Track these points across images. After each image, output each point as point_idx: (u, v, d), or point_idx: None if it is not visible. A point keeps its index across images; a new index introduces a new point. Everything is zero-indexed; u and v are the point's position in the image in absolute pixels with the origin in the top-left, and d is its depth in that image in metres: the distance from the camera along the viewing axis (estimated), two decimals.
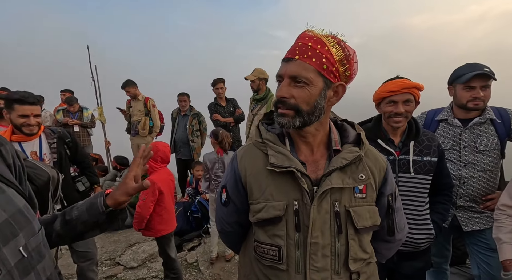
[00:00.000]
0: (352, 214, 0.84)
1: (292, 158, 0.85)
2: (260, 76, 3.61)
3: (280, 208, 0.84)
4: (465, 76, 1.58)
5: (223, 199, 0.99)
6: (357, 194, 0.86)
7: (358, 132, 0.92)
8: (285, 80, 0.83)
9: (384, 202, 0.93)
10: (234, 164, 0.96)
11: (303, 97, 0.82)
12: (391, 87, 1.40)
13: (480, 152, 1.63)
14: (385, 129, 1.53)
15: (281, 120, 0.84)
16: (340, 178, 0.83)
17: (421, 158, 1.46)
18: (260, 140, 0.92)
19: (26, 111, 1.80)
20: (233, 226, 1.01)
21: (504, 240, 1.31)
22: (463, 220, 1.69)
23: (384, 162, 0.94)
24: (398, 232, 0.97)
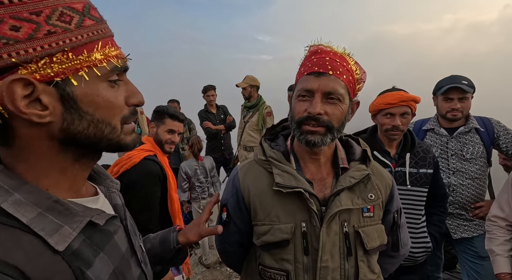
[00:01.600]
0: (361, 235, 0.81)
1: (299, 178, 0.81)
2: (252, 83, 3.59)
3: (288, 231, 0.80)
4: (443, 88, 1.67)
5: (223, 219, 0.95)
6: (365, 214, 0.83)
7: (364, 149, 0.90)
8: (318, 95, 0.77)
9: (390, 219, 0.91)
10: (235, 183, 0.91)
11: (337, 114, 0.79)
12: (388, 99, 1.41)
13: (467, 160, 1.68)
14: (381, 141, 1.53)
15: (313, 138, 0.79)
16: (349, 198, 0.81)
17: (417, 170, 1.47)
18: (264, 158, 0.88)
19: (175, 127, 1.73)
20: (233, 245, 0.96)
21: (497, 252, 1.32)
22: (452, 228, 1.73)
23: (390, 178, 0.93)
24: (402, 248, 0.96)
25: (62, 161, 0.45)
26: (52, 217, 0.41)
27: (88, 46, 0.42)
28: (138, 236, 0.63)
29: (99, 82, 0.44)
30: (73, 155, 0.46)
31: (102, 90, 0.44)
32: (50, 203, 0.42)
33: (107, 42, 0.46)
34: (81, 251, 0.43)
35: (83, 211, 0.45)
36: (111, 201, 0.58)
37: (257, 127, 3.57)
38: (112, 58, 0.45)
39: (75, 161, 0.47)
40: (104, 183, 0.60)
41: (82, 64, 0.42)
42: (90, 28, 0.43)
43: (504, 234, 1.34)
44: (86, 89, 0.43)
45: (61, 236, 0.41)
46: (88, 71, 0.42)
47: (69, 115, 0.42)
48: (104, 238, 0.48)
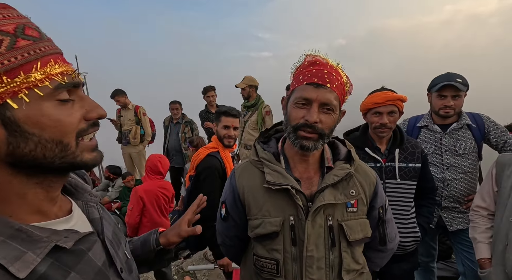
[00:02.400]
0: (344, 228, 0.89)
1: (287, 176, 0.89)
2: (250, 84, 3.68)
3: (277, 224, 0.89)
4: (437, 85, 1.73)
5: (222, 214, 1.04)
6: (349, 209, 0.91)
7: (349, 149, 0.98)
8: (315, 105, 0.85)
9: (375, 215, 0.98)
10: (232, 182, 1.00)
11: (329, 123, 0.87)
12: (376, 99, 1.49)
13: (460, 155, 1.75)
14: (372, 138, 1.61)
15: (307, 143, 0.87)
16: (332, 194, 0.88)
17: (406, 165, 1.55)
18: (257, 158, 0.97)
19: (228, 122, 1.91)
20: (232, 239, 1.05)
21: (479, 240, 1.41)
22: (448, 221, 1.80)
23: (374, 177, 0.99)
24: (389, 242, 1.02)
25: (19, 186, 0.45)
26: (15, 244, 0.41)
27: (24, 67, 0.41)
28: (123, 244, 0.65)
29: (43, 102, 0.43)
30: (28, 178, 0.45)
31: (47, 109, 0.43)
32: (12, 231, 0.42)
33: (49, 60, 0.44)
34: (48, 275, 0.43)
35: (48, 236, 0.45)
36: (88, 216, 0.58)
37: (257, 126, 3.67)
38: (55, 76, 0.44)
39: (36, 184, 0.46)
40: (82, 197, 0.60)
41: (20, 86, 0.41)
42: (25, 48, 0.42)
43: (486, 223, 1.42)
44: (29, 111, 0.42)
45: (24, 263, 0.40)
46: (28, 93, 0.41)
47: (14, 138, 0.41)
48: (75, 258, 0.48)
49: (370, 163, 1.57)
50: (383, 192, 1.03)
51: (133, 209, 2.32)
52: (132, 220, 2.32)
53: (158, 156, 2.46)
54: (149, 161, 2.41)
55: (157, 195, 2.41)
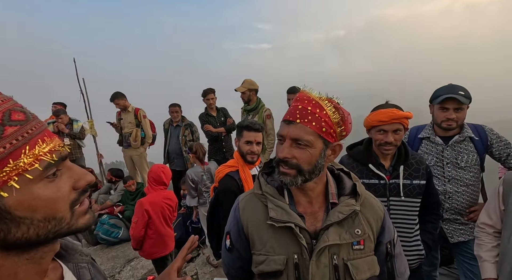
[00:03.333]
0: (350, 268, 0.86)
1: (291, 213, 0.88)
2: (250, 87, 3.64)
3: (281, 263, 0.87)
4: (440, 97, 1.70)
5: (227, 245, 1.03)
6: (355, 247, 0.89)
7: (354, 183, 0.95)
8: (287, 141, 0.86)
9: (382, 250, 0.95)
10: (236, 214, 0.99)
11: (305, 158, 0.85)
12: (381, 117, 1.46)
13: (461, 168, 1.74)
14: (375, 154, 1.59)
15: (284, 178, 0.88)
16: (337, 233, 0.87)
17: (410, 182, 1.53)
18: (260, 192, 0.96)
19: (250, 137, 1.83)
20: (238, 271, 1.04)
21: (484, 258, 1.40)
22: (449, 232, 1.80)
23: (381, 210, 0.97)
24: (398, 277, 0.98)
25: (10, 266, 0.44)
26: None
27: (13, 155, 0.40)
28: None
29: (33, 185, 0.42)
30: (19, 256, 0.45)
31: (38, 190, 0.42)
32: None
33: (37, 141, 0.43)
34: None
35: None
36: (79, 278, 0.57)
37: None
38: (44, 156, 0.42)
39: (26, 260, 0.46)
40: (73, 259, 0.58)
41: (9, 174, 0.39)
42: (13, 135, 0.41)
43: (492, 241, 1.41)
44: (19, 197, 0.40)
45: None
46: (18, 179, 0.40)
47: (4, 225, 0.41)
48: None
49: (374, 180, 1.56)
50: (391, 226, 1.00)
51: (137, 222, 2.31)
52: (136, 233, 2.32)
53: (161, 167, 2.44)
54: (152, 173, 2.40)
55: (162, 207, 2.41)
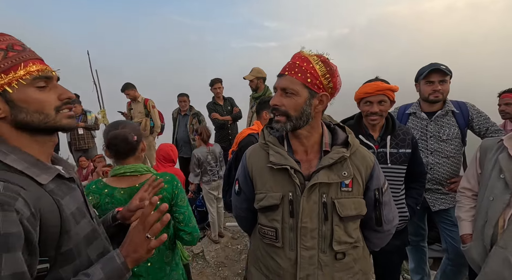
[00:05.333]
0: (336, 205, 0.99)
1: (288, 158, 1.02)
2: (258, 76, 3.79)
3: (277, 198, 1.02)
4: (425, 73, 1.84)
5: (236, 190, 1.20)
6: (343, 188, 1.02)
7: (348, 135, 1.08)
8: (278, 91, 1.02)
9: (371, 196, 1.06)
10: (243, 161, 1.15)
11: (291, 105, 0.99)
12: (366, 89, 1.61)
13: (443, 141, 1.87)
14: (365, 126, 1.73)
15: (276, 125, 1.03)
16: (326, 174, 0.99)
17: (397, 150, 1.67)
18: (264, 141, 1.11)
19: None
20: (245, 211, 1.21)
21: (463, 218, 1.53)
22: (431, 201, 1.94)
23: (372, 161, 1.07)
24: (386, 223, 1.09)
25: (24, 139, 0.70)
26: (36, 169, 0.68)
27: (13, 68, 0.66)
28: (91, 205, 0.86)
29: (27, 88, 0.68)
30: (29, 135, 0.70)
31: (30, 93, 0.68)
32: (33, 161, 0.69)
33: (28, 63, 0.68)
34: (55, 190, 0.70)
35: (54, 168, 0.72)
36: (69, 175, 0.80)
37: None
38: (33, 72, 0.68)
39: (34, 140, 0.71)
40: (62, 164, 0.82)
41: (11, 79, 0.66)
42: (13, 57, 0.67)
43: (470, 203, 1.54)
44: (19, 94, 0.67)
45: (42, 178, 0.68)
46: (17, 83, 0.66)
47: (13, 110, 0.67)
48: (68, 188, 0.74)
49: None
50: (381, 176, 1.09)
51: None
52: None
53: (169, 145, 2.63)
54: (162, 151, 2.57)
55: None
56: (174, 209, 1.33)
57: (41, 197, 0.65)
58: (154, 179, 1.09)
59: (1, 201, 0.57)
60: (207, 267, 3.19)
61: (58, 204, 0.68)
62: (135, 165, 1.30)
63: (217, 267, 3.18)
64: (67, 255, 0.69)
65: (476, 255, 1.40)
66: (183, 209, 1.34)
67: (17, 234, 0.57)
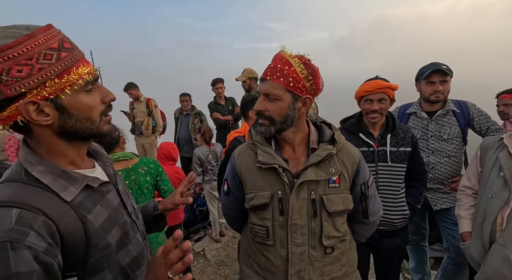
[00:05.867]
0: (325, 201, 1.01)
1: (276, 157, 1.03)
2: (250, 76, 3.82)
3: (267, 197, 1.03)
4: (426, 72, 1.84)
5: (225, 190, 1.21)
6: (331, 185, 1.04)
7: (334, 132, 1.10)
8: (261, 96, 1.02)
9: (357, 190, 1.09)
10: (232, 162, 1.16)
11: (275, 110, 0.99)
12: (367, 87, 1.62)
13: (444, 140, 1.87)
14: (365, 124, 1.74)
15: (259, 128, 1.04)
16: (314, 172, 1.01)
17: (397, 149, 1.68)
18: (251, 141, 1.11)
19: None
20: (234, 211, 1.22)
21: (463, 216, 1.54)
22: (433, 200, 1.94)
23: (357, 156, 1.09)
24: (371, 215, 1.13)
25: (62, 146, 0.66)
26: (62, 181, 0.63)
27: (67, 71, 0.61)
28: (130, 198, 0.85)
29: (78, 94, 0.63)
30: (67, 141, 0.67)
31: (81, 98, 0.64)
32: (60, 172, 0.64)
33: (80, 64, 0.63)
34: (83, 203, 0.65)
35: (82, 178, 0.67)
36: (106, 172, 0.79)
37: None
38: (84, 76, 0.63)
39: (72, 146, 0.68)
40: (101, 159, 0.81)
41: (65, 84, 0.61)
42: (66, 58, 0.61)
43: (470, 201, 1.54)
44: (71, 100, 0.63)
45: (68, 193, 0.63)
46: (70, 88, 0.62)
47: (63, 117, 0.63)
48: (99, 196, 0.70)
49: (364, 148, 1.71)
50: (367, 171, 1.13)
51: None
52: None
53: (170, 144, 2.65)
54: (163, 149, 2.60)
55: (173, 180, 2.60)
56: (160, 182, 1.95)
57: (64, 216, 0.61)
58: (190, 176, 1.12)
59: (11, 238, 0.52)
60: (208, 266, 3.20)
61: (83, 220, 0.63)
62: (124, 153, 1.86)
63: (218, 266, 3.19)
64: (95, 266, 0.66)
65: (475, 252, 1.40)
66: (166, 182, 1.97)
67: (28, 273, 0.53)
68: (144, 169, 1.88)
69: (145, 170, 1.88)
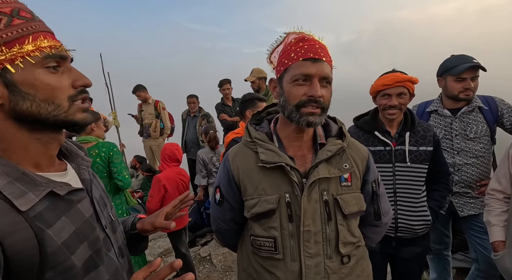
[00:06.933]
0: (339, 202, 0.90)
1: (281, 154, 0.90)
2: (259, 76, 3.73)
3: (273, 202, 0.89)
4: (457, 69, 1.66)
5: (217, 199, 1.03)
6: (343, 183, 0.93)
7: (340, 126, 1.00)
8: (316, 80, 0.85)
9: (368, 189, 0.99)
10: (226, 165, 1.00)
11: (328, 97, 0.89)
12: (385, 81, 1.49)
13: (471, 140, 1.70)
14: (381, 121, 1.61)
15: (313, 119, 0.86)
16: (326, 168, 0.90)
17: (417, 148, 1.53)
18: (250, 139, 0.97)
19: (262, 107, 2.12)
20: (228, 223, 1.05)
21: (493, 223, 1.37)
22: (459, 206, 1.76)
23: (366, 152, 1.01)
24: (384, 216, 1.03)
25: (22, 139, 0.54)
26: (20, 185, 0.51)
27: (19, 40, 0.51)
28: (108, 207, 0.73)
29: (35, 69, 0.52)
30: (30, 133, 0.55)
31: (39, 75, 0.53)
32: (18, 174, 0.52)
33: (39, 35, 0.53)
34: (44, 214, 0.52)
35: (46, 183, 0.55)
36: (80, 176, 0.67)
37: None
38: (44, 48, 0.53)
39: (36, 140, 0.56)
40: (75, 161, 0.69)
41: (16, 55, 0.50)
42: (19, 26, 0.51)
43: (501, 206, 1.38)
44: (24, 75, 0.51)
45: (25, 200, 0.50)
46: (23, 60, 0.51)
47: (14, 97, 0.52)
48: (66, 206, 0.57)
49: (380, 147, 1.57)
50: (375, 167, 1.04)
51: (154, 196, 2.43)
52: (153, 206, 2.42)
53: (174, 145, 2.58)
54: (167, 150, 2.53)
55: (177, 182, 2.53)
56: (111, 165, 2.13)
57: (14, 230, 0.48)
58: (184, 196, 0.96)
59: None
60: (214, 271, 3.09)
61: (40, 236, 0.51)
62: (85, 137, 2.13)
63: (224, 271, 3.07)
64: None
65: (509, 264, 1.25)
66: (117, 165, 2.14)
67: None
68: (96, 151, 2.11)
69: (96, 152, 2.11)
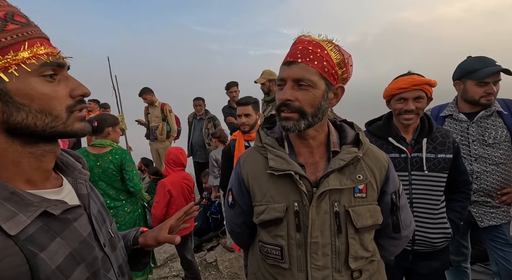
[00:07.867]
0: (351, 214, 0.85)
1: (291, 161, 0.87)
2: (270, 78, 3.66)
3: (281, 210, 0.87)
4: (480, 73, 1.56)
5: (229, 202, 1.04)
6: (357, 194, 0.87)
7: (357, 132, 0.93)
8: (289, 83, 0.83)
9: (387, 200, 0.93)
10: (237, 169, 1.00)
11: (308, 100, 0.82)
12: (401, 84, 1.39)
13: (489, 145, 1.60)
14: (396, 127, 1.51)
15: (286, 123, 0.84)
16: (338, 179, 0.85)
17: (435, 155, 1.44)
18: (260, 144, 0.95)
19: (239, 111, 2.18)
20: (240, 226, 1.05)
21: None
22: (478, 216, 1.66)
23: (386, 161, 0.94)
24: (404, 229, 0.97)
25: (14, 153, 0.50)
26: (9, 206, 0.47)
27: (14, 47, 0.47)
28: (107, 223, 0.68)
29: (31, 77, 0.49)
30: (23, 147, 0.51)
31: (35, 84, 0.49)
32: (7, 194, 0.47)
33: (35, 42, 0.49)
34: (36, 237, 0.48)
35: (39, 202, 0.50)
36: (77, 191, 0.62)
37: None
38: (41, 56, 0.49)
39: (29, 154, 0.52)
40: (72, 174, 0.64)
41: (10, 62, 0.46)
42: (14, 31, 0.48)
43: None
44: (19, 84, 0.47)
45: (15, 223, 0.46)
46: (18, 68, 0.47)
47: (7, 108, 0.47)
48: (61, 226, 0.53)
49: (394, 154, 1.48)
50: (397, 177, 0.96)
51: (159, 202, 2.39)
52: (158, 212, 2.38)
53: (179, 149, 2.53)
54: (171, 154, 2.48)
55: (182, 186, 2.48)
56: (124, 171, 2.19)
57: (2, 257, 0.44)
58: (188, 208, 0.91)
59: None
60: (220, 278, 3.02)
61: (32, 261, 0.46)
62: (102, 140, 2.17)
63: (231, 278, 3.00)
64: None
65: None
66: (129, 172, 2.20)
67: None
68: (109, 158, 2.15)
69: (110, 159, 2.16)
